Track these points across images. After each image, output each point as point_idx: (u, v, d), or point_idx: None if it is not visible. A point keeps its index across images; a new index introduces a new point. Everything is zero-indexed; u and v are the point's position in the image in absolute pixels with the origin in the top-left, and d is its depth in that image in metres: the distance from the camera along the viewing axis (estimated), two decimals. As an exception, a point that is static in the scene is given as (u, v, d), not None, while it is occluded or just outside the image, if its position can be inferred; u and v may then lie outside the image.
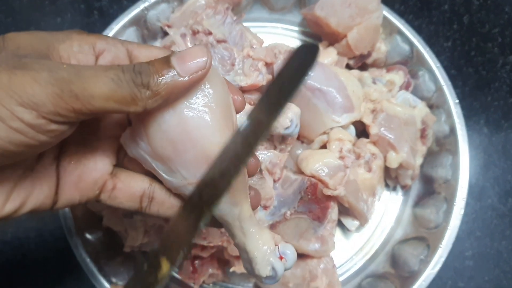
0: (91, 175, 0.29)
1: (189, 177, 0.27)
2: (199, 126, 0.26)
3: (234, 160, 0.23)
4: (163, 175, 0.28)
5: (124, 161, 0.31)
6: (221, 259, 0.52)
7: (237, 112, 0.30)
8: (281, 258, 0.27)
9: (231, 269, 0.50)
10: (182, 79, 0.25)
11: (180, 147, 0.26)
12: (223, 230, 0.47)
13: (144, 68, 0.24)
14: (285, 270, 0.28)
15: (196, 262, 0.51)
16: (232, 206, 0.27)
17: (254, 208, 0.29)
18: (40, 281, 0.54)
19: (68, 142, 0.28)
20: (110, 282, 0.47)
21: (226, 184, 0.23)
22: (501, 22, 0.66)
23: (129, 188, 0.30)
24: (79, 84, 0.22)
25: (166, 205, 0.31)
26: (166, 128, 0.26)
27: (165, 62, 0.25)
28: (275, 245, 0.28)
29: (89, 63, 0.27)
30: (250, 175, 0.30)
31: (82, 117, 0.23)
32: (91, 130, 0.29)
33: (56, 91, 0.22)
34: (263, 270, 0.27)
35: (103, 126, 0.30)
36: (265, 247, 0.27)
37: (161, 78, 0.24)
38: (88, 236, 0.49)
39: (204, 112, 0.26)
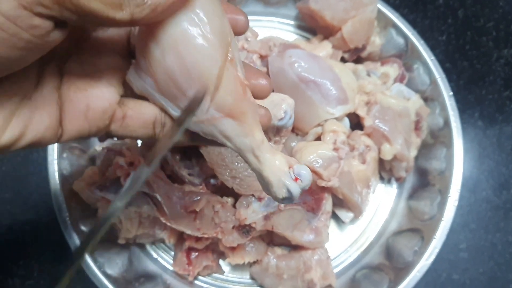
0: (99, 103, 0.27)
1: (197, 112, 0.27)
2: (197, 62, 0.25)
3: None
4: (173, 112, 0.28)
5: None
6: (216, 251, 0.52)
7: (240, 34, 0.29)
8: (296, 179, 0.28)
9: (226, 261, 0.51)
10: None
11: (183, 85, 0.26)
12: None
13: None
14: (302, 189, 0.29)
15: (191, 254, 0.51)
16: (243, 137, 0.28)
17: (265, 127, 0.29)
18: (35, 273, 0.54)
19: (69, 72, 0.27)
20: (104, 273, 0.47)
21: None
22: (495, 16, 0.67)
23: (141, 115, 0.29)
24: None
25: None
26: (166, 64, 0.26)
27: None
28: (290, 167, 0.28)
29: None
30: (263, 97, 0.30)
31: (66, 14, 0.21)
32: (92, 61, 0.28)
33: None
34: (279, 192, 0.28)
35: (104, 57, 0.28)
36: (280, 171, 0.28)
37: None
38: (82, 228, 0.49)
39: (200, 45, 0.25)
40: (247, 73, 0.29)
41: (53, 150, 0.51)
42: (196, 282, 0.53)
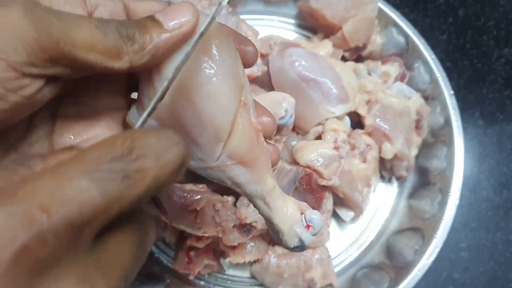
0: None
1: (206, 159, 0.25)
2: (209, 109, 0.24)
3: None
4: None
5: None
6: (217, 250, 0.52)
7: (249, 66, 0.28)
8: (308, 226, 0.27)
9: (227, 260, 0.50)
10: (167, 34, 0.22)
11: (192, 132, 0.24)
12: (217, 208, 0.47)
13: (129, 21, 0.22)
14: (313, 236, 0.27)
15: (192, 253, 0.51)
16: (254, 185, 0.26)
17: (274, 164, 0.28)
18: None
19: (63, 115, 0.25)
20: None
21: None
22: (496, 15, 0.67)
23: None
24: (60, 27, 0.19)
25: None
26: (174, 108, 0.24)
27: (150, 17, 0.23)
28: (301, 213, 0.27)
29: None
30: (267, 136, 0.28)
31: (59, 71, 0.20)
32: (88, 102, 0.26)
33: (31, 34, 0.18)
34: (291, 241, 0.27)
35: (102, 96, 0.26)
36: (291, 219, 0.27)
37: (146, 33, 0.22)
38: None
39: (214, 91, 0.24)
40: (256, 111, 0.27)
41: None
42: (196, 281, 0.53)
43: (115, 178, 0.16)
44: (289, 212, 0.27)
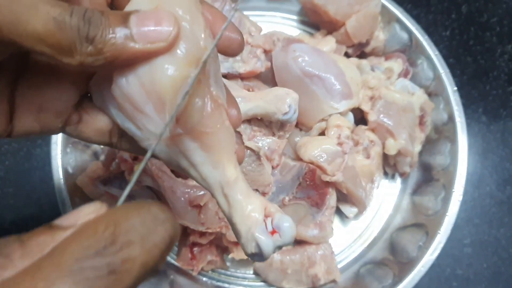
0: (54, 105, 0.25)
1: (157, 131, 0.23)
2: (154, 71, 0.22)
3: None
4: (134, 131, 0.25)
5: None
6: (220, 246, 0.52)
7: (234, 55, 0.26)
8: (273, 232, 0.23)
9: (230, 256, 0.50)
10: (134, 45, 0.21)
11: (139, 101, 0.23)
12: (220, 214, 0.47)
13: (96, 17, 0.20)
14: (280, 247, 0.23)
15: (195, 249, 0.51)
16: (211, 168, 0.23)
17: (239, 159, 0.25)
18: (39, 268, 0.54)
19: (29, 67, 0.24)
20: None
21: None
22: (499, 11, 0.66)
23: (96, 122, 0.26)
24: (8, 11, 0.18)
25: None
26: (127, 90, 0.23)
27: (123, 17, 0.21)
28: (267, 216, 0.23)
29: None
30: (235, 126, 0.26)
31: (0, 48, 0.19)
32: (46, 78, 0.25)
33: None
34: (247, 245, 0.23)
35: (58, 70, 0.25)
36: (251, 219, 0.23)
37: (110, 36, 0.20)
38: (86, 222, 0.49)
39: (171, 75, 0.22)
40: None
41: (57, 144, 0.51)
42: (200, 277, 0.53)
43: (100, 275, 0.15)
44: (248, 211, 0.23)
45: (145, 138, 0.24)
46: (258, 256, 0.23)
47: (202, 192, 0.47)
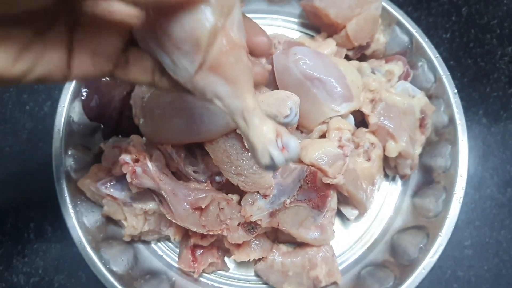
0: (106, 49, 0.30)
1: (190, 67, 0.28)
2: (189, 18, 0.26)
3: None
4: (170, 71, 0.29)
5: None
6: (221, 248, 0.52)
7: (263, 55, 0.32)
8: (283, 149, 0.28)
9: (231, 258, 0.50)
10: None
11: (177, 41, 0.27)
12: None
13: None
14: (287, 161, 0.28)
15: (196, 251, 0.51)
16: (234, 99, 0.28)
17: (259, 85, 0.30)
18: (40, 270, 0.54)
19: (82, 14, 0.28)
20: (110, 270, 0.47)
21: None
22: (499, 13, 0.67)
23: (142, 61, 0.31)
24: None
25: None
26: (171, 31, 0.27)
27: None
28: (278, 135, 0.28)
29: None
30: (261, 55, 0.31)
31: None
32: (103, 5, 0.29)
33: None
34: (263, 158, 0.28)
35: (116, 3, 0.30)
36: (265, 137, 0.28)
37: None
38: (88, 225, 0.50)
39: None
40: (248, 30, 0.30)
41: (58, 147, 0.51)
42: (201, 279, 0.53)
43: None
44: (264, 130, 0.28)
45: (180, 70, 0.29)
46: (270, 167, 0.28)
47: (203, 195, 0.47)
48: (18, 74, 0.26)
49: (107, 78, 0.34)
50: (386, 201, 0.57)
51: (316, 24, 0.62)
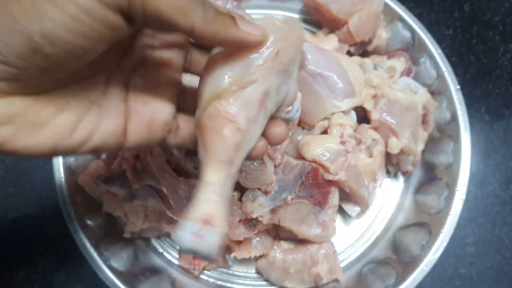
0: (162, 115, 0.30)
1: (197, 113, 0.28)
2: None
3: None
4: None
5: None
6: (222, 245, 0.52)
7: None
8: (198, 236, 0.25)
9: (232, 255, 0.50)
10: (235, 29, 0.25)
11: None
12: None
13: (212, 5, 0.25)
14: (192, 250, 0.25)
15: (197, 248, 0.51)
16: (202, 160, 0.27)
17: (255, 158, 0.30)
18: (40, 267, 0.54)
19: (134, 85, 0.29)
20: (110, 267, 0.47)
21: None
22: (502, 10, 0.66)
23: (191, 126, 0.31)
24: None
25: None
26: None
27: (229, 15, 0.25)
28: (205, 222, 0.25)
29: None
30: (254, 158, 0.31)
31: (134, 12, 0.22)
32: (154, 76, 0.30)
33: None
34: (178, 230, 0.26)
35: (164, 73, 0.31)
36: (189, 215, 0.25)
37: (219, 16, 0.25)
38: (88, 221, 0.49)
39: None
40: (269, 122, 0.30)
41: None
42: (201, 276, 0.52)
43: None
44: (196, 207, 0.26)
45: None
46: (179, 242, 0.26)
47: (204, 191, 0.46)
48: (75, 144, 0.25)
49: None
50: (388, 198, 0.57)
51: (318, 20, 0.62)
